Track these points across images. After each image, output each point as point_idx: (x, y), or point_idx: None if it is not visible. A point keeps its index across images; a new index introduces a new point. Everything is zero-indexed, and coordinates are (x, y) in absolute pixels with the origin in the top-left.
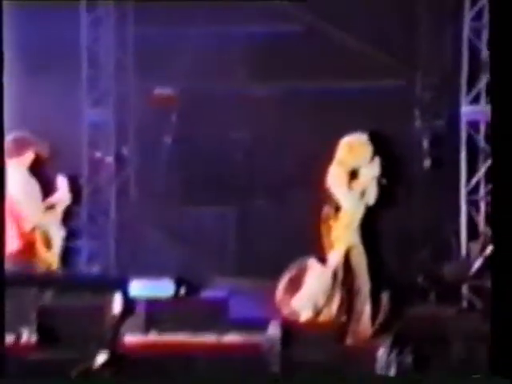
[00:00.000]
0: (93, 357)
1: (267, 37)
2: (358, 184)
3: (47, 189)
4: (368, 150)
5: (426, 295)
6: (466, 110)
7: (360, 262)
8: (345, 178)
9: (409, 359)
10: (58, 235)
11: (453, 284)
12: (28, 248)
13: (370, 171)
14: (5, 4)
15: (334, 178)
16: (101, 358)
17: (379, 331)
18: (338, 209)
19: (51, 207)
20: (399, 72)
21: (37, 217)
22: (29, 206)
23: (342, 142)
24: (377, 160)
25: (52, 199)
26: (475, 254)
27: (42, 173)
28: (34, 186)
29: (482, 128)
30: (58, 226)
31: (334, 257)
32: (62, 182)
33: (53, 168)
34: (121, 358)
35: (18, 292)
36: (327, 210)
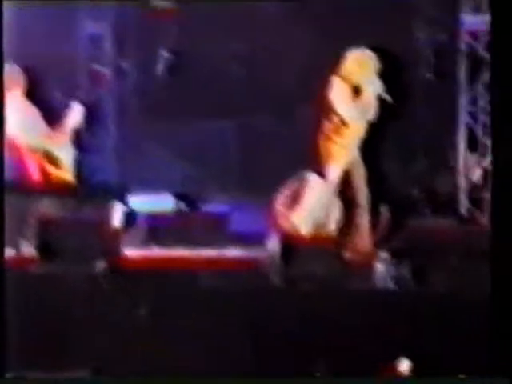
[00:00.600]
0: (93, 269)
1: None
2: (361, 100)
3: (54, 111)
4: (375, 65)
5: (421, 207)
6: (467, 20)
7: (359, 175)
8: (349, 92)
9: (407, 272)
10: (68, 155)
11: (449, 195)
12: (37, 169)
13: (374, 87)
14: None
15: (337, 92)
16: (100, 265)
17: (378, 244)
18: (339, 123)
19: (58, 131)
20: None
21: (38, 140)
22: (28, 132)
23: (350, 56)
24: (379, 77)
25: (63, 124)
26: (473, 165)
27: (45, 97)
28: (32, 113)
29: (482, 37)
30: (68, 147)
31: (335, 171)
32: (76, 110)
33: (53, 81)
34: (120, 270)
35: (16, 204)
36: (329, 124)
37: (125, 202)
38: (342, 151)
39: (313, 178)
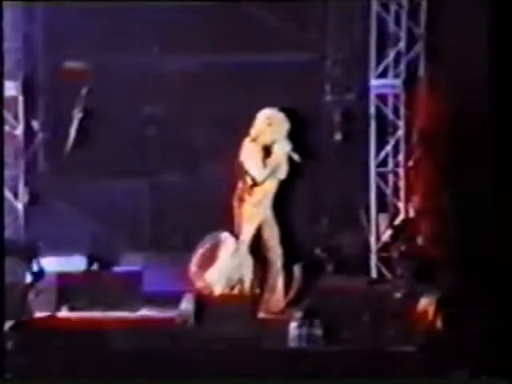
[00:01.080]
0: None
1: (179, 10)
2: (272, 160)
3: None
4: (285, 126)
5: (329, 267)
6: (375, 84)
7: (272, 235)
8: (259, 153)
9: (319, 332)
10: None
11: (359, 255)
12: None
13: (283, 147)
14: None
15: (248, 153)
16: (7, 325)
17: (291, 304)
18: (251, 183)
19: None
20: (310, 46)
21: None
22: None
23: (260, 116)
24: (287, 136)
25: None
26: (384, 226)
27: None
28: None
29: (391, 101)
30: None
31: (247, 231)
32: None
33: None
34: (29, 330)
35: None
36: (240, 184)
37: (35, 263)
38: (254, 210)
39: (226, 237)
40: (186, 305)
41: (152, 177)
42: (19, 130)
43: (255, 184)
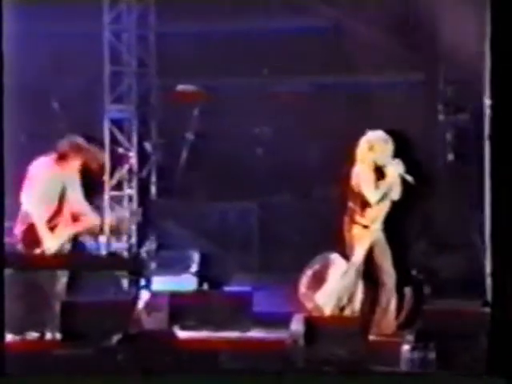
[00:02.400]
0: (115, 352)
1: (289, 32)
2: (385, 183)
3: None
4: (388, 147)
5: (447, 290)
6: (488, 103)
7: (384, 256)
8: (371, 175)
9: (432, 355)
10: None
11: (475, 278)
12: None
13: (396, 169)
14: None
15: (361, 176)
16: (115, 337)
17: (403, 326)
18: (363, 205)
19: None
20: (422, 66)
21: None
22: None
23: (363, 140)
24: (394, 156)
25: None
26: None
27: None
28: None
29: None
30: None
31: (359, 253)
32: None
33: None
34: (138, 342)
35: (40, 289)
36: (351, 205)
37: (147, 284)
38: (366, 231)
39: (336, 258)
40: (296, 326)
41: (262, 198)
42: (133, 153)
43: (368, 205)
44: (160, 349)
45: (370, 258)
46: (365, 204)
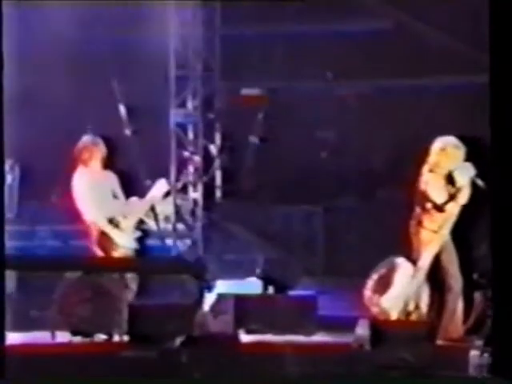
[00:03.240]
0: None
1: (354, 35)
2: (456, 188)
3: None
4: (461, 152)
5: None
6: None
7: (451, 260)
8: (442, 181)
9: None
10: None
11: None
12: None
13: (466, 173)
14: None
15: (431, 181)
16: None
17: (471, 331)
18: (433, 210)
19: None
20: (485, 68)
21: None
22: (92, 209)
23: (435, 146)
24: (466, 160)
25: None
26: None
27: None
28: (100, 190)
29: None
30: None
31: (427, 257)
32: (160, 187)
33: (142, 168)
34: (202, 344)
35: (107, 292)
36: (418, 210)
37: (212, 286)
38: (434, 236)
39: (402, 262)
40: (362, 330)
41: (326, 201)
42: (198, 156)
43: (437, 209)
44: (223, 352)
45: (437, 262)
46: (434, 208)
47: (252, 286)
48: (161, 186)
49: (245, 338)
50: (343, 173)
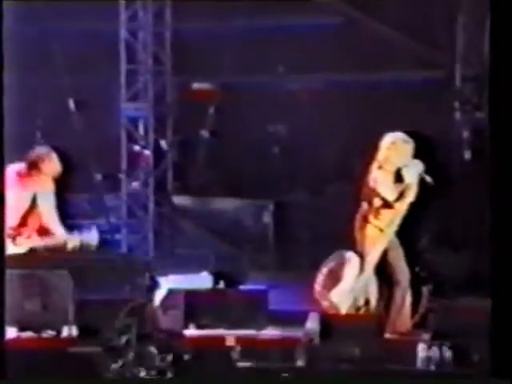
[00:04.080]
0: (129, 350)
1: (303, 29)
2: (404, 184)
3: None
4: (410, 147)
5: (461, 288)
6: None
7: (397, 255)
8: (390, 177)
9: (449, 354)
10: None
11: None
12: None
13: (415, 170)
14: None
15: (380, 177)
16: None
17: (419, 324)
18: (379, 206)
19: None
20: (438, 63)
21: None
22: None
23: (385, 141)
24: (414, 157)
25: None
26: None
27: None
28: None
29: None
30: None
31: (374, 254)
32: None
33: (91, 162)
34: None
35: (55, 287)
36: (364, 206)
37: (162, 281)
38: (380, 232)
39: (351, 257)
40: (312, 324)
41: (277, 196)
42: (149, 150)
43: (385, 206)
44: (168, 349)
45: (384, 257)
46: (381, 205)
47: (203, 280)
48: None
49: (195, 332)
50: (294, 168)
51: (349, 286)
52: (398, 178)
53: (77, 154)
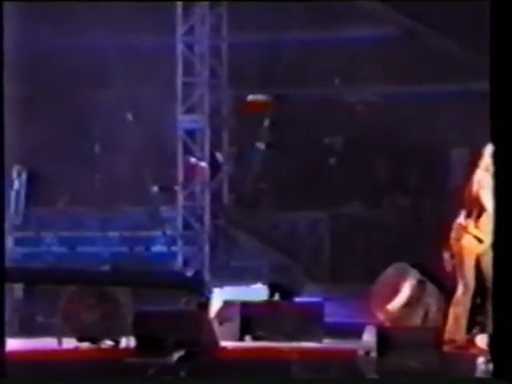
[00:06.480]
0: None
1: (359, 42)
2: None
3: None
4: None
5: None
6: None
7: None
8: (491, 183)
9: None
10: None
11: None
12: None
13: None
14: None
15: (485, 182)
16: (177, 354)
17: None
18: (479, 215)
19: None
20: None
21: None
22: None
23: (490, 149)
24: None
25: None
26: None
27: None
28: None
29: None
30: None
31: (469, 263)
32: None
33: (148, 175)
34: (216, 360)
35: (113, 298)
36: (465, 215)
37: (217, 293)
38: (479, 245)
39: (408, 269)
40: (368, 337)
41: (333, 208)
42: (205, 162)
43: (486, 215)
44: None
45: (479, 268)
46: (481, 213)
47: (258, 292)
48: None
49: (252, 344)
50: (349, 179)
51: (406, 299)
52: None
53: (134, 167)
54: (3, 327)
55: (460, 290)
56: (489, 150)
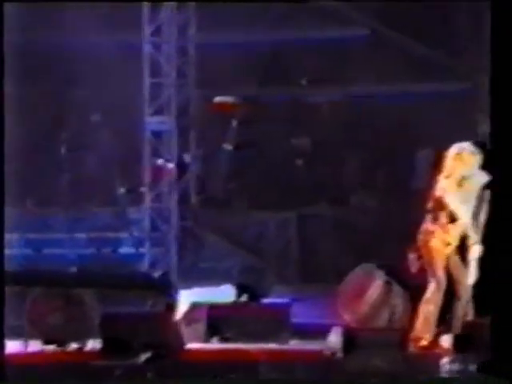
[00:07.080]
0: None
1: (326, 42)
2: (469, 195)
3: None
4: (477, 158)
5: None
6: None
7: (460, 269)
8: (455, 188)
9: (473, 367)
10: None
11: None
12: None
13: (479, 180)
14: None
15: (448, 190)
16: (144, 356)
17: (441, 335)
18: (448, 220)
19: None
20: (465, 75)
21: None
22: None
23: (452, 152)
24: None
25: None
26: None
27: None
28: None
29: None
30: None
31: (439, 266)
32: None
33: (116, 176)
34: (182, 362)
35: (80, 300)
36: (433, 219)
37: (186, 294)
38: (447, 249)
39: (375, 270)
40: (335, 337)
41: (301, 209)
42: (172, 164)
43: (452, 219)
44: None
45: (447, 269)
46: (448, 218)
47: (225, 293)
48: None
49: (219, 345)
50: (317, 180)
51: (373, 300)
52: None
53: (101, 168)
54: (3, 329)
55: (432, 287)
56: (451, 152)
